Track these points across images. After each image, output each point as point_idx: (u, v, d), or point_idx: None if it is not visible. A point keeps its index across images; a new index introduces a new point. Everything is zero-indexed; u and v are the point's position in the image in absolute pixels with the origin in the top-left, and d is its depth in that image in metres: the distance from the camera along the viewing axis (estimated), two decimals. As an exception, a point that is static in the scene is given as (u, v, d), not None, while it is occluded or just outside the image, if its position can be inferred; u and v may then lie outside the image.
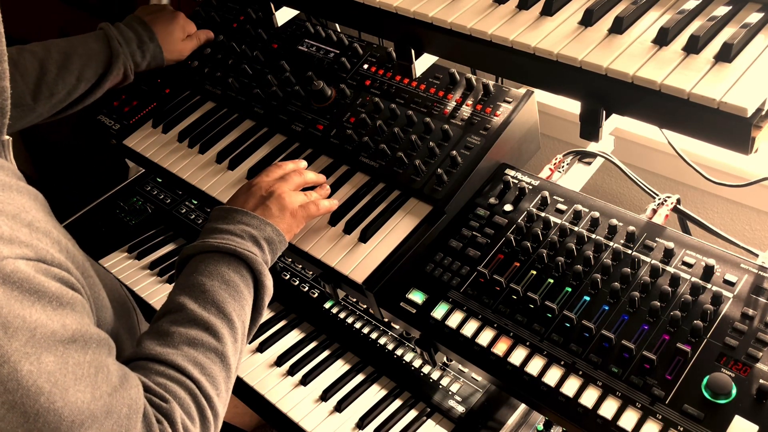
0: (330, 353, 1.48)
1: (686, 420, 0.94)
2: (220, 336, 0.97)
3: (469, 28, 1.04)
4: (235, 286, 1.02)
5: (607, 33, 0.97)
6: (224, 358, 0.97)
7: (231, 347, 0.98)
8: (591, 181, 1.43)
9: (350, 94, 1.49)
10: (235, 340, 1.00)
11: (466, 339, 1.12)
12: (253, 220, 1.12)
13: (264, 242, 1.11)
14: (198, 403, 0.92)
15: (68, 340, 0.78)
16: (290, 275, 1.65)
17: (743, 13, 0.95)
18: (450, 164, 1.29)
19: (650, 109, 0.92)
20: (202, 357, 0.94)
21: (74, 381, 0.77)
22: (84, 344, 0.80)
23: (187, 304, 0.98)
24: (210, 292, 0.99)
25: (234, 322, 1.00)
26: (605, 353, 1.04)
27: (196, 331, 0.96)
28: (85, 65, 1.46)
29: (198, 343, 0.95)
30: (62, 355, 0.77)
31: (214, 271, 1.02)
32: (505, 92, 1.35)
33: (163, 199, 1.89)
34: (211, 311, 0.98)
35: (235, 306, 1.01)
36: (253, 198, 1.18)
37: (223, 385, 0.96)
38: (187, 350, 0.94)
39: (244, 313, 1.03)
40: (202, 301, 0.99)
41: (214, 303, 0.99)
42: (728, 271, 1.07)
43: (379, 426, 1.34)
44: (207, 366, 0.94)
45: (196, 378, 0.92)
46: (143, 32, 1.54)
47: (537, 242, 1.19)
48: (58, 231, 0.89)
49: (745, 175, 1.44)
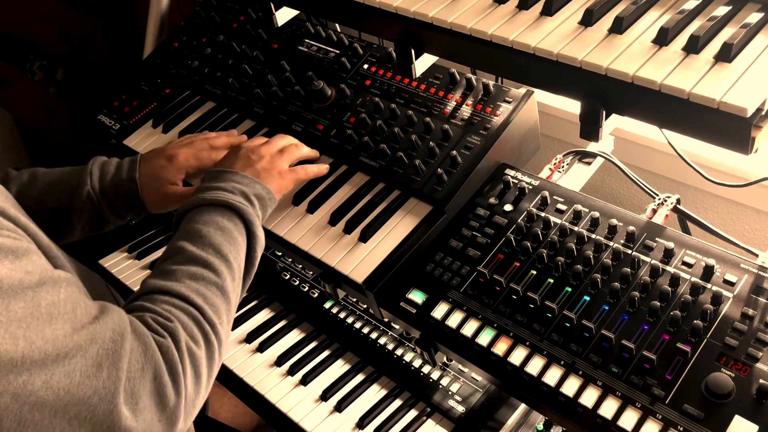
0: (330, 353, 1.48)
1: (686, 420, 0.94)
2: (219, 272, 1.02)
3: (469, 28, 1.04)
4: (230, 232, 1.07)
5: (607, 33, 0.97)
6: (224, 291, 1.01)
7: (230, 283, 1.03)
8: (591, 181, 1.43)
9: (350, 94, 1.49)
10: (233, 278, 1.04)
11: (466, 339, 1.12)
12: (243, 178, 1.17)
13: (254, 198, 1.15)
14: (202, 328, 0.95)
15: (36, 284, 0.81)
16: (290, 275, 1.65)
17: (743, 13, 0.95)
18: (450, 164, 1.29)
19: (650, 109, 0.92)
20: (203, 289, 0.99)
21: (49, 320, 0.80)
22: (54, 284, 0.83)
23: (186, 246, 1.03)
24: (207, 236, 1.04)
25: (231, 263, 1.04)
26: (605, 353, 1.04)
27: (197, 268, 1.01)
28: (48, 191, 1.26)
29: (199, 277, 1.00)
30: (32, 299, 0.79)
31: (209, 220, 1.07)
32: (505, 92, 1.35)
33: (163, 199, 1.89)
34: (209, 252, 1.03)
35: (231, 249, 1.05)
36: (241, 160, 1.22)
37: (225, 316, 1.00)
38: (189, 282, 0.99)
39: (240, 257, 1.08)
40: (199, 244, 1.04)
41: (211, 245, 1.04)
42: (728, 271, 1.07)
43: (379, 426, 1.34)
44: (209, 296, 0.99)
45: (199, 305, 0.97)
46: (126, 169, 1.27)
47: (537, 242, 1.19)
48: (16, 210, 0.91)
49: (745, 175, 1.44)
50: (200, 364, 0.93)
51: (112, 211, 1.28)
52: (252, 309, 1.60)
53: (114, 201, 1.27)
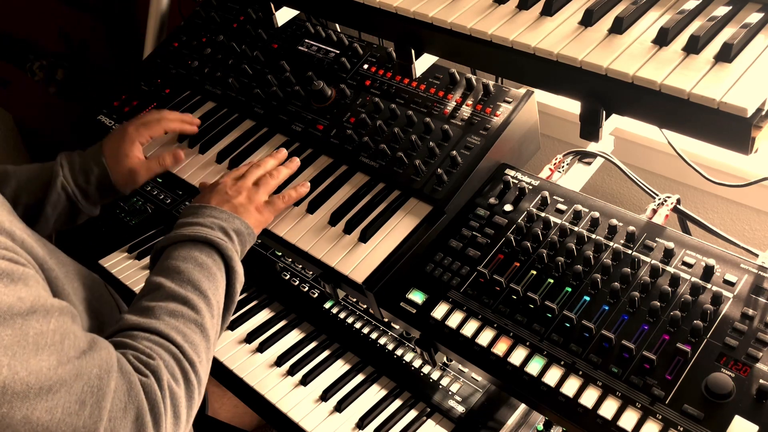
0: (330, 353, 1.48)
1: (686, 420, 0.94)
2: (198, 309, 1.01)
3: (469, 28, 1.04)
4: (208, 268, 1.06)
5: (607, 33, 0.97)
6: (203, 329, 1.00)
7: (209, 321, 1.02)
8: (591, 181, 1.43)
9: (350, 94, 1.49)
10: (212, 315, 1.03)
11: (466, 339, 1.12)
12: (221, 213, 1.16)
13: (233, 233, 1.15)
14: (182, 367, 0.94)
15: (26, 311, 0.80)
16: (290, 275, 1.65)
17: (743, 13, 0.95)
18: (450, 164, 1.29)
19: (650, 109, 0.92)
20: (182, 326, 0.98)
21: (36, 350, 0.79)
22: (45, 313, 0.82)
23: (164, 283, 1.02)
24: (185, 273, 1.04)
25: (210, 299, 1.03)
26: (605, 353, 1.04)
27: (176, 305, 1.00)
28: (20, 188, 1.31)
29: (178, 314, 0.99)
30: (21, 327, 0.78)
31: (187, 256, 1.06)
32: (505, 92, 1.35)
33: (163, 199, 1.89)
34: (188, 288, 1.02)
35: (210, 285, 1.05)
36: (218, 195, 1.22)
37: (204, 354, 0.99)
38: (168, 320, 0.98)
39: (219, 294, 1.07)
40: (178, 280, 1.03)
41: (190, 281, 1.03)
42: (728, 271, 1.07)
43: (379, 426, 1.34)
44: (188, 334, 0.98)
45: (179, 343, 0.95)
46: (91, 155, 1.35)
47: (537, 242, 1.19)
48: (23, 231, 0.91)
49: (745, 175, 1.44)
50: (180, 404, 0.92)
51: (86, 199, 1.34)
52: (252, 309, 1.59)
53: (87, 189, 1.33)
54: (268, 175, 1.31)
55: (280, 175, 1.33)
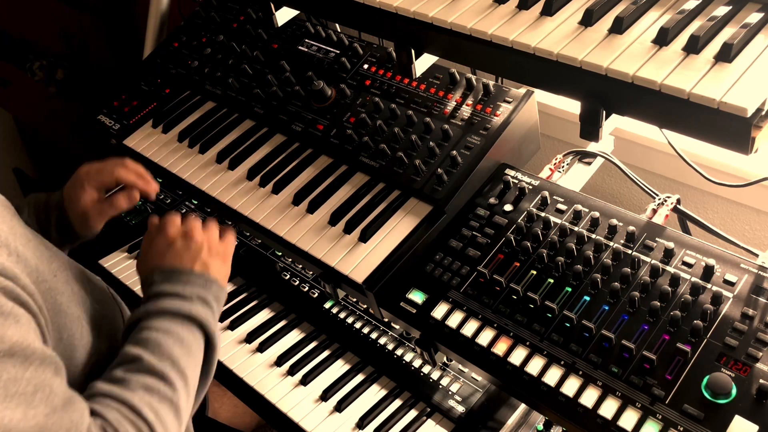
0: (330, 353, 1.48)
1: (686, 420, 0.94)
2: (174, 387, 0.97)
3: (469, 28, 1.04)
4: (189, 345, 1.02)
5: (607, 33, 0.97)
6: (178, 409, 0.96)
7: (184, 400, 0.98)
8: (591, 181, 1.43)
9: (350, 94, 1.49)
10: (187, 394, 0.99)
11: (466, 339, 1.12)
12: (199, 279, 1.09)
13: (213, 301, 1.09)
14: None
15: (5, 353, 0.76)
16: (290, 275, 1.65)
17: (743, 13, 0.95)
18: (450, 164, 1.29)
19: (650, 109, 0.92)
20: (157, 404, 0.94)
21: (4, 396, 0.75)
22: (24, 359, 0.79)
23: (143, 355, 0.98)
24: (165, 347, 0.99)
25: (188, 378, 1.00)
26: (605, 353, 1.04)
27: (153, 380, 0.95)
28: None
29: (154, 391, 0.95)
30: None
31: (169, 329, 1.01)
32: (505, 92, 1.35)
33: (163, 199, 1.89)
34: (166, 364, 0.98)
35: (189, 362, 1.01)
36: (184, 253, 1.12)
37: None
38: (143, 394, 0.93)
39: (195, 372, 1.03)
40: (158, 354, 0.98)
41: (169, 357, 0.98)
42: (728, 271, 1.07)
43: (379, 426, 1.34)
44: (161, 412, 0.93)
45: (150, 421, 0.91)
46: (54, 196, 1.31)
47: (537, 242, 1.19)
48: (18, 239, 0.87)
49: (745, 175, 1.44)
50: None
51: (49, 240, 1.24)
52: (252, 309, 1.59)
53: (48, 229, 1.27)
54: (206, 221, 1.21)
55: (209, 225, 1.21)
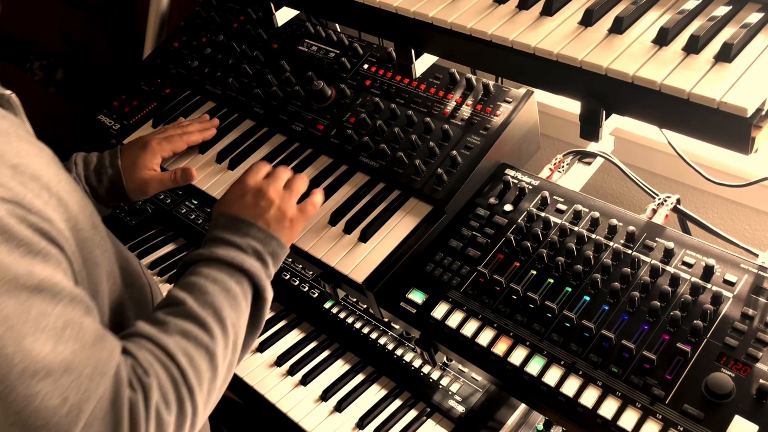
0: (330, 353, 1.48)
1: (686, 420, 0.94)
2: (213, 335, 0.96)
3: (469, 28, 1.04)
4: (235, 296, 1.02)
5: (607, 33, 0.97)
6: (213, 357, 0.95)
7: (221, 351, 0.97)
8: (591, 181, 1.43)
9: (350, 94, 1.49)
10: (226, 345, 0.98)
11: (466, 339, 1.12)
12: (259, 233, 1.10)
13: (269, 257, 1.09)
14: (178, 391, 0.89)
15: (34, 288, 0.76)
16: (290, 275, 1.65)
17: (743, 13, 0.95)
18: (450, 164, 1.29)
19: (650, 109, 0.92)
20: (192, 349, 0.93)
21: (34, 330, 0.75)
22: (54, 296, 0.78)
23: (186, 300, 0.98)
24: (210, 295, 0.99)
25: (228, 329, 0.99)
26: (605, 353, 1.04)
27: (191, 325, 0.95)
28: None
29: (191, 336, 0.94)
30: (24, 302, 0.75)
31: (217, 277, 1.02)
32: (505, 92, 1.35)
33: (163, 199, 1.89)
34: (208, 312, 0.98)
35: (231, 314, 1.00)
36: (251, 206, 1.14)
37: (207, 383, 0.94)
38: (179, 339, 0.93)
39: (239, 324, 1.02)
40: (201, 301, 0.98)
41: (212, 305, 0.98)
42: (728, 271, 1.07)
43: (379, 426, 1.34)
44: (195, 359, 0.93)
45: (182, 366, 0.90)
46: (108, 157, 1.37)
47: (537, 242, 1.19)
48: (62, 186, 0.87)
49: (745, 175, 1.44)
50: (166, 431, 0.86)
51: (95, 198, 1.34)
52: (252, 309, 1.59)
53: (97, 188, 1.33)
54: (295, 179, 1.22)
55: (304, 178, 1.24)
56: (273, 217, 1.14)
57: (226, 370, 0.98)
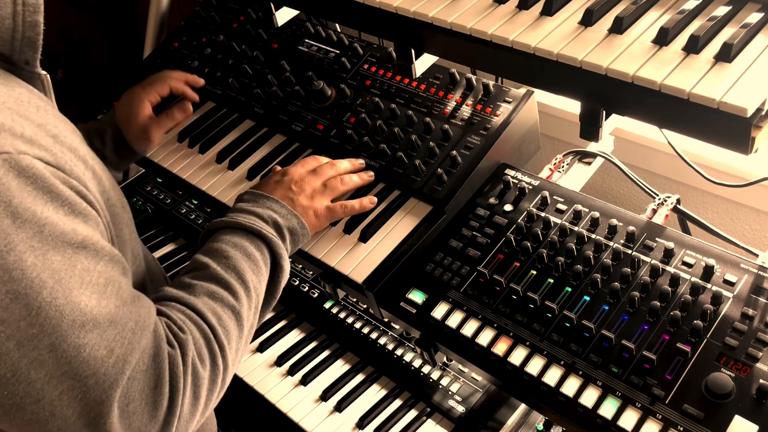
0: (330, 353, 1.48)
1: (686, 420, 0.94)
2: (237, 297, 1.00)
3: (469, 28, 1.04)
4: (255, 261, 1.05)
5: (607, 33, 0.97)
6: (239, 316, 0.99)
7: (246, 311, 1.01)
8: (591, 181, 1.43)
9: (350, 94, 1.49)
10: (249, 306, 1.02)
11: (466, 339, 1.12)
12: (281, 208, 1.14)
13: (287, 231, 1.13)
14: (210, 348, 0.93)
15: (78, 244, 0.79)
16: (290, 275, 1.65)
17: (743, 13, 0.95)
18: (450, 164, 1.29)
19: (650, 109, 0.92)
20: (219, 309, 0.97)
21: (80, 284, 0.78)
22: (95, 254, 0.81)
23: (210, 264, 1.02)
24: (232, 259, 1.03)
25: (251, 291, 1.02)
26: (605, 353, 1.04)
27: (216, 287, 0.99)
28: None
29: (217, 297, 0.98)
30: (70, 258, 0.78)
31: (238, 243, 1.05)
32: (505, 92, 1.35)
33: (163, 199, 1.89)
34: (231, 275, 1.01)
35: (253, 277, 1.03)
36: (281, 188, 1.20)
37: (235, 341, 0.98)
38: (206, 300, 0.97)
39: (260, 287, 1.06)
40: (224, 265, 1.02)
41: (235, 269, 1.02)
42: (728, 271, 1.07)
43: (379, 426, 1.34)
44: (223, 318, 0.96)
45: (212, 324, 0.94)
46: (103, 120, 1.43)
47: (537, 242, 1.19)
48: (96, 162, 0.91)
49: (745, 175, 1.44)
50: (201, 385, 0.90)
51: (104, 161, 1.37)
52: (252, 309, 1.60)
53: (104, 151, 1.40)
54: (338, 180, 1.27)
55: (350, 183, 1.29)
56: (298, 203, 1.19)
57: (248, 330, 1.02)
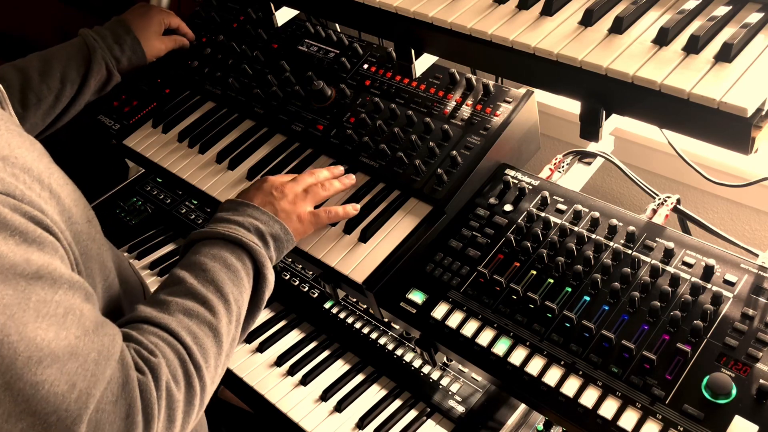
0: (330, 353, 1.48)
1: (686, 420, 0.94)
2: (215, 312, 0.96)
3: (469, 28, 1.04)
4: (236, 272, 1.02)
5: (607, 33, 0.97)
6: (217, 333, 0.95)
7: (225, 326, 0.97)
8: (591, 181, 1.43)
9: (350, 94, 1.49)
10: (229, 321, 0.98)
11: (466, 339, 1.12)
12: (262, 215, 1.12)
13: (270, 238, 1.11)
14: (186, 369, 0.90)
15: (32, 275, 0.76)
16: (290, 275, 1.65)
17: (743, 13, 0.95)
18: (450, 164, 1.29)
19: (650, 109, 0.92)
20: (195, 327, 0.93)
21: (35, 317, 0.75)
22: (53, 282, 0.78)
23: (187, 278, 0.98)
24: (210, 272, 1.00)
25: (230, 304, 0.99)
26: (605, 353, 1.04)
27: (193, 303, 0.95)
28: (66, 66, 1.48)
29: (193, 314, 0.94)
30: (24, 290, 0.74)
31: (217, 254, 1.02)
32: (505, 92, 1.35)
33: (163, 199, 1.89)
34: (209, 289, 0.98)
35: (233, 289, 1.00)
36: (262, 194, 1.18)
37: (213, 360, 0.94)
38: (181, 318, 0.93)
39: (242, 299, 1.02)
40: (201, 278, 0.99)
41: (213, 282, 0.99)
42: (728, 271, 1.07)
43: (379, 426, 1.34)
44: (200, 336, 0.93)
45: (187, 344, 0.91)
46: (118, 27, 1.56)
47: (537, 242, 1.19)
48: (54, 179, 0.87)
49: (745, 175, 1.44)
50: (176, 408, 0.87)
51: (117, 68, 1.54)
52: (252, 309, 1.60)
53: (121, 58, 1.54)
54: (319, 186, 1.26)
55: (331, 188, 1.28)
56: (281, 208, 1.16)
57: (229, 345, 0.99)
